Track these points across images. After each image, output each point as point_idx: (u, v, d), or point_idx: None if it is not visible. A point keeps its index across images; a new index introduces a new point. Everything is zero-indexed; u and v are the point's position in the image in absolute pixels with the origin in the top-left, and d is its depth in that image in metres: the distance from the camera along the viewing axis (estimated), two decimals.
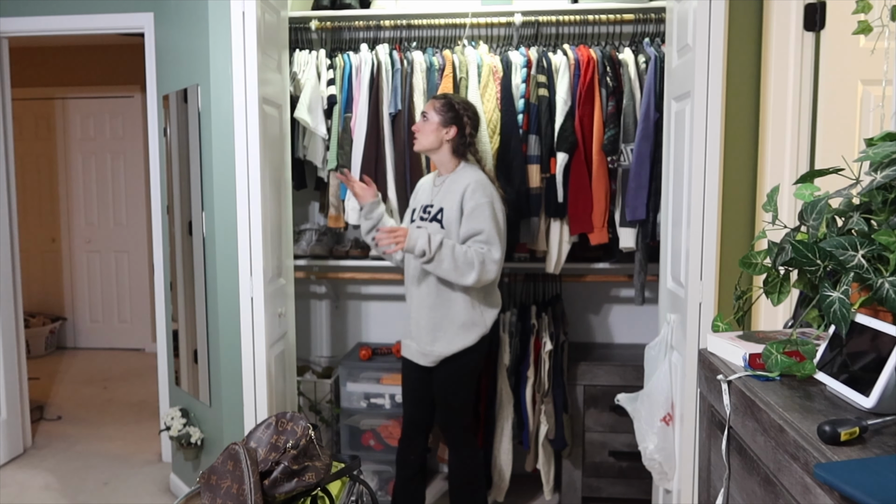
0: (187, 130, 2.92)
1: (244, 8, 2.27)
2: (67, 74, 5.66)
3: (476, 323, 2.45)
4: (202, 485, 1.72)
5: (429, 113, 2.47)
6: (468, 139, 2.50)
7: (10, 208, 3.56)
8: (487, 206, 2.37)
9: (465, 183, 2.41)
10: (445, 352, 2.45)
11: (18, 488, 3.29)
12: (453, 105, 2.47)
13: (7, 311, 3.55)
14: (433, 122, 2.45)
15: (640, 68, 2.78)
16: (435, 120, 2.45)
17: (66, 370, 5.25)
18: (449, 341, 2.44)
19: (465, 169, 2.49)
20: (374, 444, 3.11)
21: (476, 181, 2.41)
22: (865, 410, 1.01)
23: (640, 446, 2.24)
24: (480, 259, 2.34)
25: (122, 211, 5.74)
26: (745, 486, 1.18)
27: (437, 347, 2.46)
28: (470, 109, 2.50)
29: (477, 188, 2.39)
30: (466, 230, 2.39)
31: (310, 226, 3.20)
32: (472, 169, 2.49)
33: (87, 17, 3.41)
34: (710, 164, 1.98)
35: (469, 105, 2.52)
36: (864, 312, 1.11)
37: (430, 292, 2.46)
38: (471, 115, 2.50)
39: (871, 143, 1.20)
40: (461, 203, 2.40)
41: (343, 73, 2.93)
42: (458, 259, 2.33)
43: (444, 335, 2.45)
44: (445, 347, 2.45)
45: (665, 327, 2.27)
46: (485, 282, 2.38)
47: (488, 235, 2.37)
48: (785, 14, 2.11)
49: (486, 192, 2.40)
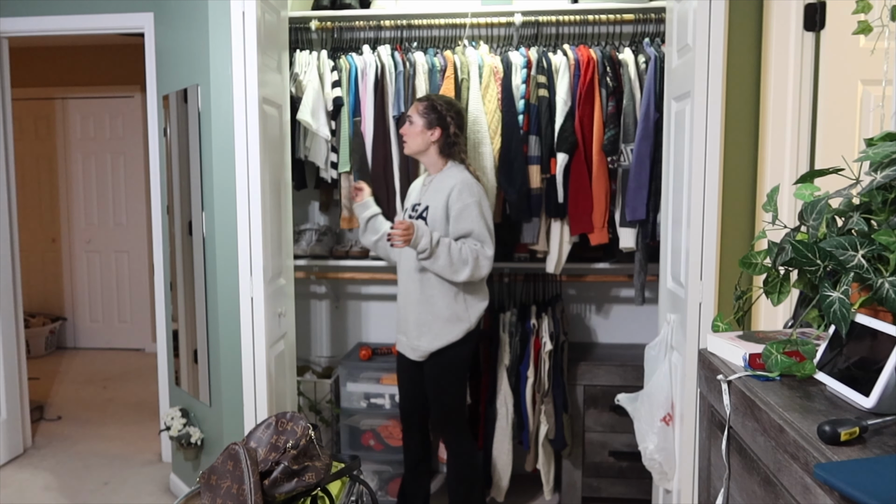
0: (187, 130, 2.92)
1: (244, 8, 2.27)
2: (67, 74, 5.66)
3: (461, 318, 2.49)
4: (202, 485, 1.72)
5: (413, 116, 2.50)
6: (453, 138, 2.51)
7: (10, 208, 3.56)
8: (475, 206, 2.43)
9: (451, 184, 2.45)
10: (431, 347, 2.50)
11: (18, 488, 3.29)
12: (435, 106, 2.48)
13: (7, 311, 3.55)
14: (417, 125, 2.48)
15: (640, 68, 2.78)
16: (419, 123, 2.48)
17: (66, 370, 5.25)
18: (434, 336, 2.49)
19: (451, 169, 2.53)
20: (374, 444, 3.11)
21: (462, 182, 2.44)
22: (865, 410, 1.01)
23: (640, 446, 2.24)
24: (474, 256, 2.41)
25: (122, 211, 5.74)
26: (745, 486, 1.18)
27: (423, 342, 2.50)
28: (453, 108, 2.52)
29: (463, 189, 2.43)
30: (457, 231, 2.44)
31: (310, 226, 3.20)
32: (458, 168, 2.52)
33: (87, 17, 3.41)
34: (710, 164, 1.98)
35: (452, 104, 2.53)
36: (864, 312, 1.11)
37: (416, 287, 2.51)
38: (454, 115, 2.51)
39: (871, 143, 1.20)
40: (447, 203, 2.44)
41: (349, 75, 2.93)
42: (453, 256, 2.39)
43: (429, 330, 2.49)
44: (431, 342, 2.49)
45: (665, 327, 2.27)
46: (477, 278, 2.45)
47: (479, 234, 2.44)
48: (785, 14, 2.11)
49: (473, 191, 2.45)
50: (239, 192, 2.33)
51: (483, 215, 2.45)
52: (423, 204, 2.53)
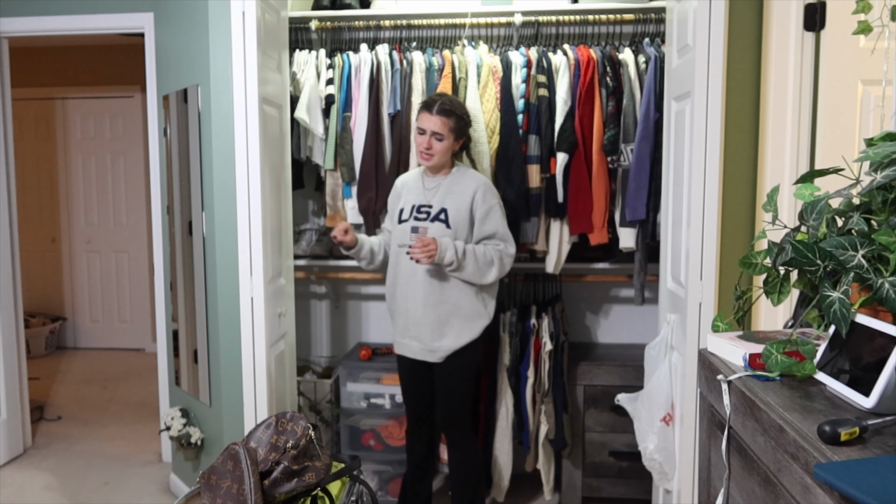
0: (187, 130, 2.92)
1: (244, 8, 2.27)
2: (67, 74, 5.66)
3: (481, 314, 2.53)
4: (202, 485, 1.72)
5: (442, 133, 2.44)
6: (467, 142, 2.61)
7: (10, 208, 3.56)
8: (498, 208, 2.52)
9: (473, 187, 2.49)
10: (454, 346, 2.51)
11: (18, 488, 3.29)
12: (462, 117, 2.50)
13: (7, 311, 3.55)
14: (448, 140, 2.47)
15: (640, 68, 2.78)
16: (451, 138, 2.48)
17: (66, 370, 5.25)
18: (457, 335, 2.50)
19: (463, 171, 2.55)
20: (374, 444, 3.11)
21: (484, 185, 2.51)
22: (865, 410, 1.01)
23: (640, 446, 2.24)
24: (499, 256, 2.48)
25: (122, 211, 5.74)
26: (745, 486, 1.18)
27: (446, 342, 2.50)
28: (468, 115, 2.56)
29: (486, 192, 2.50)
30: (483, 232, 2.50)
31: (310, 226, 3.20)
32: (472, 171, 2.57)
33: (87, 17, 3.41)
34: (710, 164, 1.98)
35: (466, 110, 2.57)
36: (864, 312, 1.11)
37: (431, 290, 2.49)
38: (470, 121, 2.58)
39: (871, 143, 1.20)
40: (471, 206, 2.48)
41: (342, 72, 2.93)
42: (479, 261, 2.45)
43: (451, 329, 2.50)
44: (454, 341, 2.50)
45: (665, 327, 2.27)
46: (501, 276, 2.50)
47: (503, 234, 2.52)
48: (785, 14, 2.11)
49: (494, 193, 2.54)
50: (239, 192, 2.33)
51: (504, 216, 2.53)
52: (436, 206, 2.50)
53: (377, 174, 2.89)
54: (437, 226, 2.48)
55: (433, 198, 2.52)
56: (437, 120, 2.44)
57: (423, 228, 2.50)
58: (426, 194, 2.54)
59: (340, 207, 3.01)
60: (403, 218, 2.55)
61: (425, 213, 2.51)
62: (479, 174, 2.56)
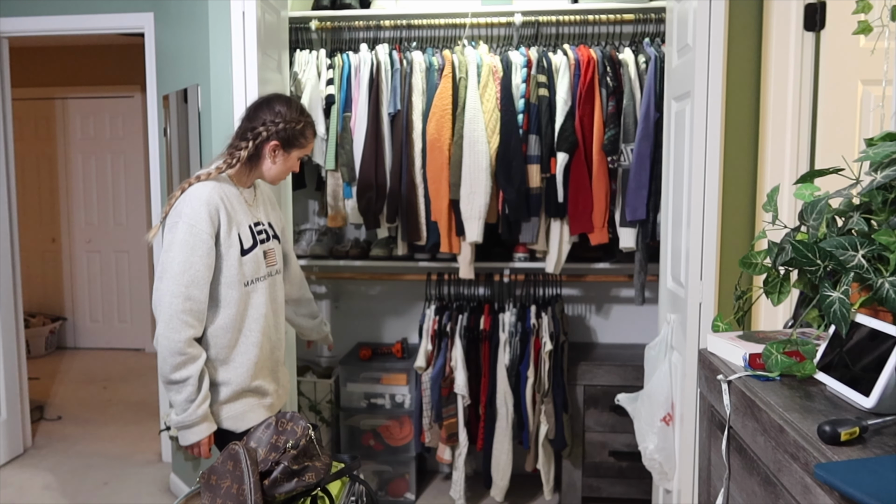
0: (187, 130, 2.92)
1: (244, 8, 2.27)
2: (67, 74, 5.66)
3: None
4: (202, 485, 1.72)
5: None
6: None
7: (10, 208, 3.56)
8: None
9: (269, 193, 2.14)
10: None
11: (18, 488, 3.29)
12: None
13: (7, 311, 3.55)
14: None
15: (640, 68, 2.78)
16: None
17: (66, 370, 5.25)
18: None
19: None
20: (374, 444, 3.11)
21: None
22: (865, 410, 1.01)
23: (640, 446, 2.24)
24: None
25: (122, 211, 5.74)
26: (745, 486, 1.18)
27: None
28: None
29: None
30: (288, 249, 2.24)
31: (310, 226, 3.20)
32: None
33: (87, 17, 3.41)
34: (710, 164, 1.98)
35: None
36: (864, 312, 1.11)
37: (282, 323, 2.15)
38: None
39: (871, 143, 1.20)
40: (280, 217, 2.16)
41: (342, 72, 2.93)
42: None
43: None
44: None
45: (665, 327, 2.27)
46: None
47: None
48: (785, 14, 2.11)
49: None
50: None
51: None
52: (263, 220, 2.01)
53: (377, 174, 2.89)
54: (275, 244, 2.04)
55: (258, 212, 2.01)
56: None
57: (271, 251, 2.01)
58: (251, 210, 1.98)
59: (342, 208, 3.02)
60: (247, 247, 1.91)
61: (265, 233, 2.00)
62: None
